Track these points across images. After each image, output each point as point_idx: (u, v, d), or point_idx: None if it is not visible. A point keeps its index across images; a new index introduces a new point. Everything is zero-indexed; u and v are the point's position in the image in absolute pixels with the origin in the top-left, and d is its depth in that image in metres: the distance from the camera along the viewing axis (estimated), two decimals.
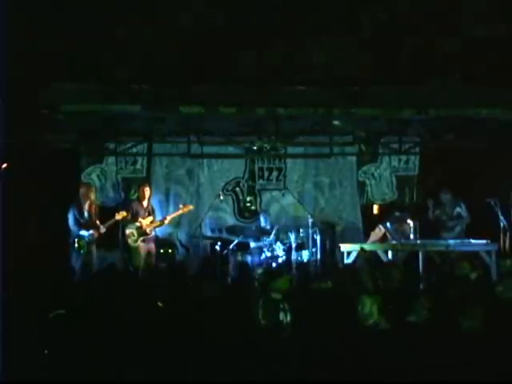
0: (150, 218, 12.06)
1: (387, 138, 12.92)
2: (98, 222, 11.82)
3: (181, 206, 12.35)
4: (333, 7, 13.69)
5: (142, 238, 11.98)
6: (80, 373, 5.30)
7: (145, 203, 12.17)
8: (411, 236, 11.62)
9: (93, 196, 12.11)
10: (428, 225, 12.46)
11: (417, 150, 13.13)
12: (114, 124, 11.96)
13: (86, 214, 11.77)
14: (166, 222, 12.27)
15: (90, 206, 11.89)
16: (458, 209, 12.41)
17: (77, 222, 11.71)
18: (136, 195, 12.68)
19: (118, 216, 11.86)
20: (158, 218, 12.26)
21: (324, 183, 13.29)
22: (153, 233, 12.08)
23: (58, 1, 13.38)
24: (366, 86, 12.66)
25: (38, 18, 13.18)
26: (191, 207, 12.42)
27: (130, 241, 12.01)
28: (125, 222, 11.98)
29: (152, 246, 12.14)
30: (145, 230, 11.99)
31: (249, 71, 13.67)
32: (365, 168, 13.29)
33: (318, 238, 12.16)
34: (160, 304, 6.59)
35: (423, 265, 11.10)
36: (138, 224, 11.97)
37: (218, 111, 11.39)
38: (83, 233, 11.66)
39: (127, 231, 11.99)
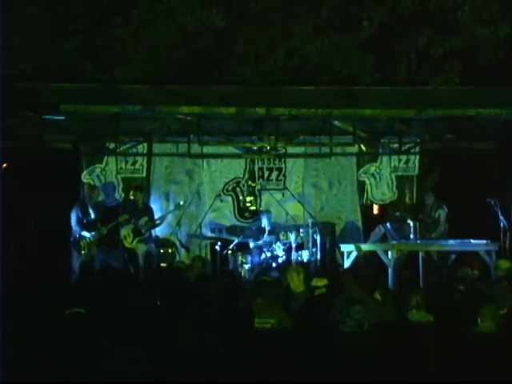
0: (145, 219, 12.04)
1: (387, 138, 12.91)
2: (99, 223, 11.82)
3: (179, 204, 12.39)
4: (333, 7, 13.70)
5: (137, 239, 11.96)
6: (79, 372, 5.30)
7: (139, 204, 12.16)
8: (411, 236, 11.61)
9: (96, 197, 12.12)
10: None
11: (417, 150, 13.12)
12: (114, 124, 11.95)
13: (88, 214, 11.78)
14: (159, 222, 12.27)
15: (92, 207, 11.89)
16: (440, 211, 12.41)
17: (80, 221, 11.72)
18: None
19: (121, 219, 11.87)
20: (156, 218, 12.25)
21: (324, 183, 13.28)
22: (148, 233, 12.05)
23: (59, 1, 13.41)
24: (366, 86, 12.68)
25: (39, 19, 13.19)
26: (183, 204, 12.43)
27: (125, 242, 12.00)
28: (121, 224, 11.98)
29: (152, 245, 12.12)
30: (140, 231, 11.98)
31: (249, 71, 13.68)
32: (365, 168, 13.28)
33: (318, 237, 12.16)
34: (158, 303, 6.60)
35: (423, 265, 11.10)
36: (132, 225, 11.97)
37: (218, 111, 11.38)
38: (85, 233, 11.66)
39: (122, 232, 11.98)
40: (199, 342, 5.56)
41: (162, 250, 12.44)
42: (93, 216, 11.80)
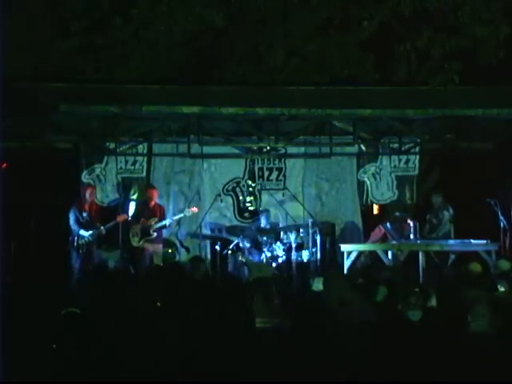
0: (155, 219, 12.04)
1: (387, 138, 12.91)
2: (98, 223, 11.84)
3: (187, 209, 12.34)
4: (333, 7, 13.72)
5: (145, 239, 11.98)
6: (80, 372, 5.30)
7: (151, 204, 12.18)
8: (411, 236, 11.61)
9: (94, 196, 12.14)
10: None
11: (417, 150, 13.11)
12: (113, 124, 11.96)
13: (86, 214, 11.79)
14: (169, 224, 12.26)
15: (91, 207, 11.92)
16: (445, 212, 12.41)
17: (77, 221, 11.73)
18: (136, 195, 12.70)
19: (119, 218, 11.88)
20: (166, 219, 12.21)
21: (324, 183, 13.27)
22: (155, 234, 12.03)
23: (59, 1, 13.43)
24: (366, 86, 12.68)
25: (39, 19, 13.20)
26: (196, 209, 12.40)
27: (133, 241, 12.03)
28: (129, 223, 12.02)
29: (158, 246, 12.12)
30: (148, 231, 11.99)
31: (249, 71, 13.70)
32: (365, 168, 13.27)
33: (318, 238, 12.16)
34: (158, 304, 6.59)
35: (423, 265, 11.10)
36: (140, 225, 12.00)
37: (218, 111, 11.38)
38: (83, 233, 11.68)
39: (131, 232, 12.02)
40: (199, 341, 5.56)
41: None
42: (90, 216, 11.82)
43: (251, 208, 13.08)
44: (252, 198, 13.11)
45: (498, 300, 7.18)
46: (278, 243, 12.19)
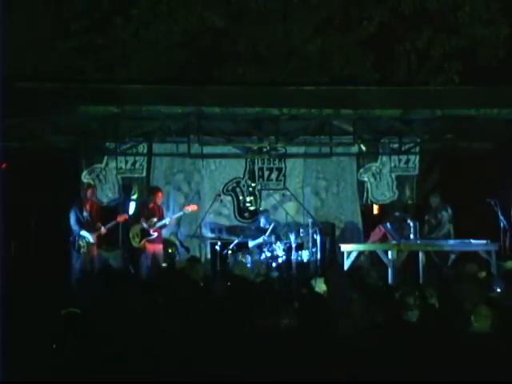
0: (154, 219, 12.04)
1: (387, 138, 12.91)
2: (99, 223, 11.85)
3: (186, 208, 12.34)
4: (333, 7, 13.74)
5: (146, 239, 11.99)
6: (79, 372, 5.30)
7: (150, 205, 12.18)
8: (411, 236, 11.61)
9: (94, 196, 12.15)
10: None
11: (417, 150, 13.11)
12: (113, 124, 11.96)
13: (87, 214, 11.80)
14: (169, 222, 12.26)
15: (91, 206, 11.93)
16: (443, 213, 12.41)
17: (78, 221, 11.74)
18: (136, 195, 12.71)
19: (120, 218, 11.89)
20: (166, 218, 12.23)
21: (324, 183, 13.27)
22: (155, 234, 12.03)
23: (59, 1, 13.44)
24: (366, 86, 12.68)
25: (39, 19, 13.22)
26: (196, 207, 12.40)
27: (133, 242, 12.04)
28: (129, 223, 12.03)
29: (158, 246, 12.11)
30: (148, 231, 12.00)
31: (249, 71, 13.71)
32: (365, 168, 13.27)
33: (318, 238, 12.16)
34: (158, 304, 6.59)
35: (423, 265, 11.10)
36: (140, 225, 12.00)
37: (218, 111, 11.38)
38: (84, 233, 11.69)
39: (131, 232, 12.03)
40: (200, 342, 5.56)
41: None
42: (90, 216, 11.83)
43: (251, 208, 13.08)
44: (252, 198, 13.11)
45: (495, 301, 7.19)
46: (278, 243, 12.20)
